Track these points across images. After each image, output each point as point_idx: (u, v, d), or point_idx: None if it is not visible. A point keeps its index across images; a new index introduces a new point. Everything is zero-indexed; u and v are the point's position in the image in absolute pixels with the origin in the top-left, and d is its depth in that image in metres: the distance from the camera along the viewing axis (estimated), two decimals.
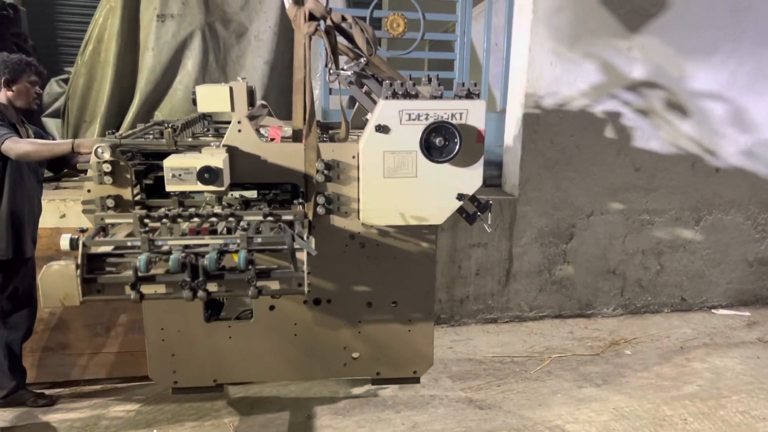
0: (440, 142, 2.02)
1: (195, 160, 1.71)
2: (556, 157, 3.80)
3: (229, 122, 2.67)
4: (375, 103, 2.14)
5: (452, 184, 2.10)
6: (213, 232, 1.58)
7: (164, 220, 1.59)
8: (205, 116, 2.64)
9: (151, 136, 2.13)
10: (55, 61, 4.91)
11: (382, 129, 1.98)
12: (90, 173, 1.85)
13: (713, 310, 4.31)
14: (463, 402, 2.86)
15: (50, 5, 5.35)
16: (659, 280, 4.24)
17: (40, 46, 4.58)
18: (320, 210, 2.06)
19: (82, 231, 1.47)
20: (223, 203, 1.94)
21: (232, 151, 1.92)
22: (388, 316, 2.29)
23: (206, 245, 1.49)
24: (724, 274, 4.32)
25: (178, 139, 1.97)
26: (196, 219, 1.61)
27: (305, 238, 1.59)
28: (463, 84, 2.09)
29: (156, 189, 1.99)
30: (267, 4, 3.57)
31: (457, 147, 2.03)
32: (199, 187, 1.71)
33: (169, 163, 1.69)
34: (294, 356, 2.26)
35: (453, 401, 2.86)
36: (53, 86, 3.69)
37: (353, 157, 2.08)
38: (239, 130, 1.97)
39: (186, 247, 1.48)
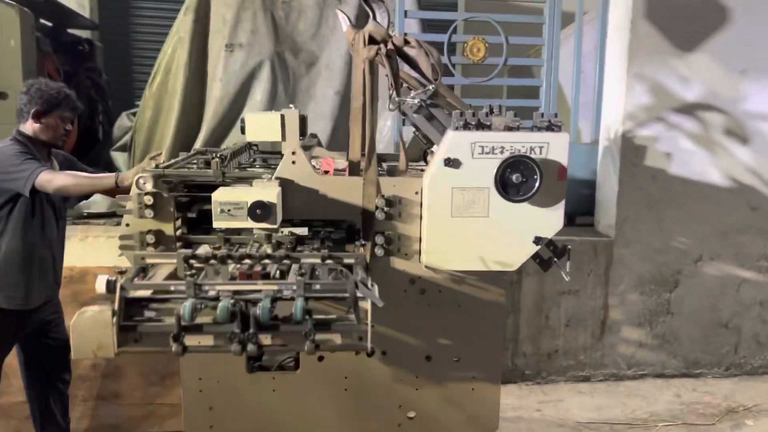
0: (517, 179, 1.92)
1: (246, 194, 1.70)
2: (658, 194, 3.57)
3: (276, 152, 2.73)
4: (442, 134, 2.08)
5: (529, 225, 1.98)
6: (265, 276, 1.56)
7: (212, 261, 1.58)
8: (251, 145, 2.66)
9: (195, 166, 2.17)
10: (128, 95, 5.23)
11: (451, 163, 1.90)
12: (129, 206, 1.88)
13: None
14: None
15: (126, 40, 5.73)
16: None
17: (114, 81, 4.89)
18: (379, 251, 2.00)
19: (121, 272, 1.49)
20: (273, 241, 1.93)
21: (285, 185, 1.91)
22: (449, 373, 2.19)
23: (258, 291, 1.47)
24: None
25: (226, 169, 1.99)
26: (246, 261, 1.60)
27: (369, 285, 1.54)
28: (543, 114, 2.00)
29: (199, 223, 2.01)
30: (338, 33, 3.61)
31: (537, 184, 1.91)
32: (250, 224, 1.70)
33: (218, 196, 1.69)
34: (344, 413, 2.19)
35: None
36: (123, 120, 3.89)
37: (416, 193, 2.02)
38: (293, 162, 1.96)
39: (236, 293, 1.46)
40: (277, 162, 2.02)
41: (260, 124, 2.26)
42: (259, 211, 1.68)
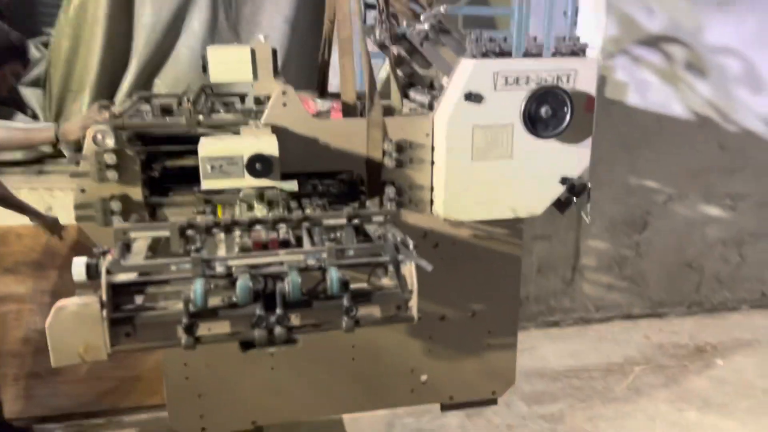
0: (546, 113, 1.72)
1: (240, 146, 1.40)
2: (632, 134, 3.53)
3: (236, 94, 2.40)
4: (448, 65, 1.85)
5: (554, 165, 1.81)
6: (284, 244, 1.27)
7: (214, 230, 1.27)
8: (204, 87, 2.30)
9: (149, 113, 1.82)
10: (33, 21, 4.48)
11: (473, 97, 1.67)
12: (83, 166, 1.53)
13: None
14: None
15: None
16: (739, 273, 4.03)
17: (14, 3, 4.15)
18: (390, 205, 1.76)
19: (102, 253, 1.15)
20: (265, 200, 1.63)
21: (278, 133, 1.61)
22: (465, 330, 2.03)
23: (279, 263, 1.19)
24: None
25: (201, 117, 1.65)
26: (258, 227, 1.29)
27: (411, 246, 1.29)
28: (565, 38, 1.81)
29: (160, 184, 1.68)
30: None
31: (568, 118, 1.74)
32: (247, 181, 1.41)
33: (207, 150, 1.37)
34: (352, 385, 1.99)
35: None
36: (31, 51, 3.30)
37: (426, 135, 1.79)
38: (284, 104, 1.65)
39: (252, 267, 1.18)
40: (243, 108, 1.73)
41: (227, 61, 1.93)
42: (259, 165, 1.39)
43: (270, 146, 1.41)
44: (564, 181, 1.84)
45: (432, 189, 1.82)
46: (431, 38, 1.83)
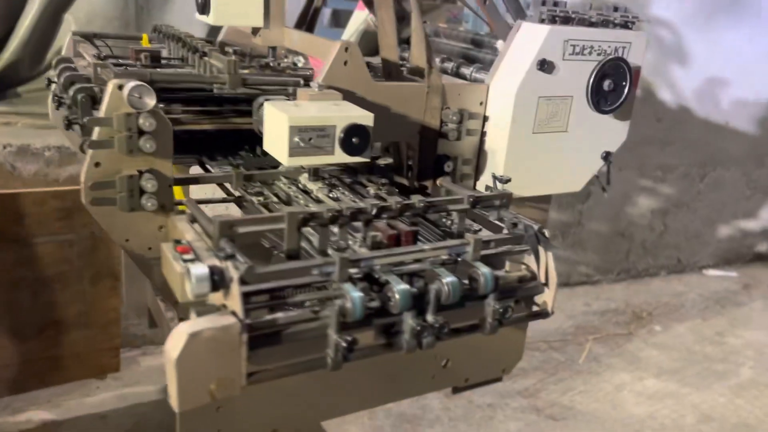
0: (609, 86, 1.73)
1: (333, 115, 1.23)
2: None
3: (206, 40, 2.13)
4: (503, 24, 1.77)
5: (599, 140, 1.85)
6: (413, 236, 1.14)
7: (340, 219, 1.08)
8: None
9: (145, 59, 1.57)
10: None
11: (546, 67, 1.62)
12: (102, 133, 1.25)
13: (703, 271, 4.65)
14: (530, 411, 2.69)
15: None
16: (661, 241, 4.45)
17: None
18: (446, 181, 1.66)
19: (228, 256, 0.93)
20: (318, 178, 1.47)
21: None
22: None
23: (420, 260, 1.06)
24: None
25: (248, 71, 1.42)
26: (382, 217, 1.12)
27: (546, 234, 1.23)
28: (616, 8, 1.81)
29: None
30: None
31: (626, 92, 1.76)
32: (339, 158, 1.24)
33: (294, 119, 1.18)
34: (374, 379, 1.91)
35: (518, 412, 2.68)
36: None
37: (480, 104, 1.71)
38: (345, 62, 1.48)
39: (394, 266, 1.04)
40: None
41: (234, 1, 1.73)
42: (356, 139, 1.24)
43: (365, 116, 1.26)
44: (606, 156, 1.88)
45: (478, 162, 1.76)
46: None
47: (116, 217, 1.28)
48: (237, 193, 1.43)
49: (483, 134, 1.71)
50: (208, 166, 1.54)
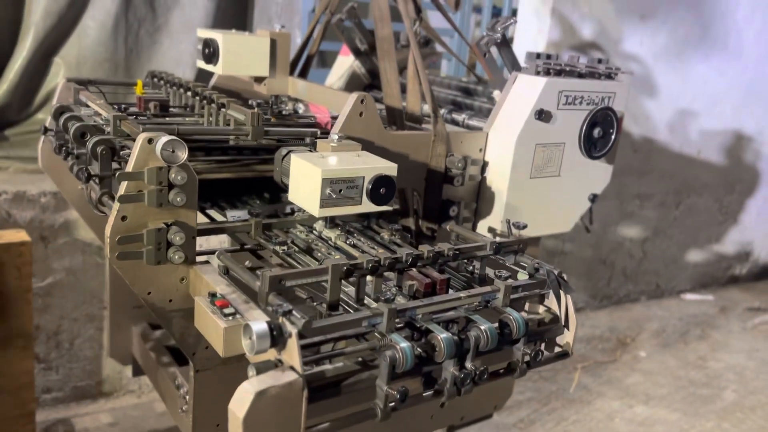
0: (598, 133, 1.91)
1: (361, 167, 1.36)
2: None
3: (208, 87, 2.25)
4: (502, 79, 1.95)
5: (587, 183, 2.04)
6: (446, 284, 1.27)
7: (380, 269, 1.20)
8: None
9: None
10: None
11: (543, 116, 1.79)
12: (131, 186, 1.30)
13: (681, 295, 4.89)
14: None
15: None
16: (641, 267, 4.67)
17: None
18: (450, 226, 1.81)
19: (286, 312, 1.03)
20: (316, 229, 1.59)
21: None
22: None
23: (452, 308, 1.19)
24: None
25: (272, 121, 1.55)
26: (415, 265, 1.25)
27: (565, 278, 1.38)
28: (600, 60, 2.00)
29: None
30: None
31: (613, 139, 1.95)
32: (366, 208, 1.37)
33: (327, 172, 1.32)
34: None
35: None
36: None
37: (480, 150, 1.87)
38: (361, 114, 1.62)
39: (433, 314, 1.17)
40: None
41: (241, 51, 1.87)
42: (383, 190, 1.37)
43: (390, 166, 1.39)
44: (593, 198, 2.06)
45: (478, 207, 1.91)
46: (502, 45, 1.90)
47: (141, 270, 1.32)
48: (253, 242, 1.52)
49: (482, 180, 1.88)
50: (217, 214, 1.63)
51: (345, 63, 2.51)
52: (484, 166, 1.87)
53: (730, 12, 4.33)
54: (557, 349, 1.42)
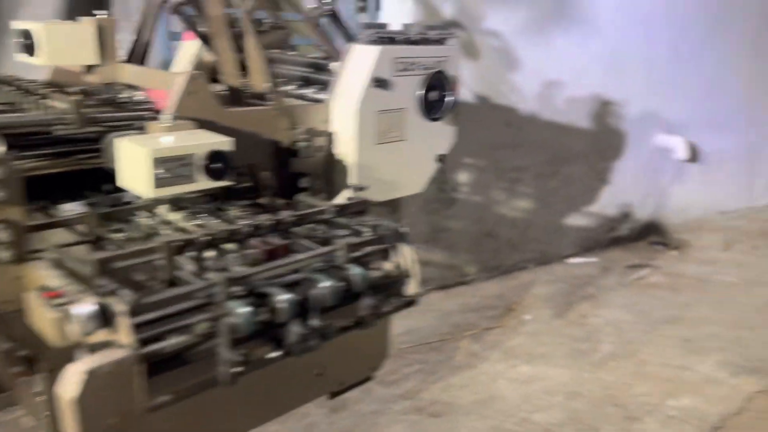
0: (435, 96, 2.06)
1: (192, 144, 1.41)
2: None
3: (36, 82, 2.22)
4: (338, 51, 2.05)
5: (433, 144, 2.19)
6: (288, 249, 1.34)
7: (216, 242, 1.25)
8: None
9: None
10: None
11: (382, 83, 1.91)
12: None
13: (567, 260, 5.22)
14: (413, 412, 2.97)
15: None
16: (525, 236, 4.95)
17: None
18: (304, 196, 1.89)
19: (109, 291, 1.07)
20: (161, 213, 1.62)
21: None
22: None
23: (296, 270, 1.26)
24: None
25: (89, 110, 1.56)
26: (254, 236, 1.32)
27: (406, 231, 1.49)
28: (433, 26, 2.15)
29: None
30: None
31: (453, 100, 2.10)
32: (202, 185, 1.43)
33: (155, 151, 1.36)
34: (257, 396, 2.07)
35: (401, 414, 2.95)
36: None
37: (324, 121, 1.97)
38: (192, 92, 1.68)
39: (274, 278, 1.23)
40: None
41: (66, 40, 1.87)
42: (218, 165, 1.44)
43: (224, 141, 1.46)
44: (440, 158, 2.22)
45: (328, 176, 2.01)
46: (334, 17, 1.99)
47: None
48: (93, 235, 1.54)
49: (330, 150, 1.97)
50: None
51: (189, 47, 2.53)
52: (331, 136, 1.96)
53: None
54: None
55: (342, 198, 2.01)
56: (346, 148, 1.95)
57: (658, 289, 4.65)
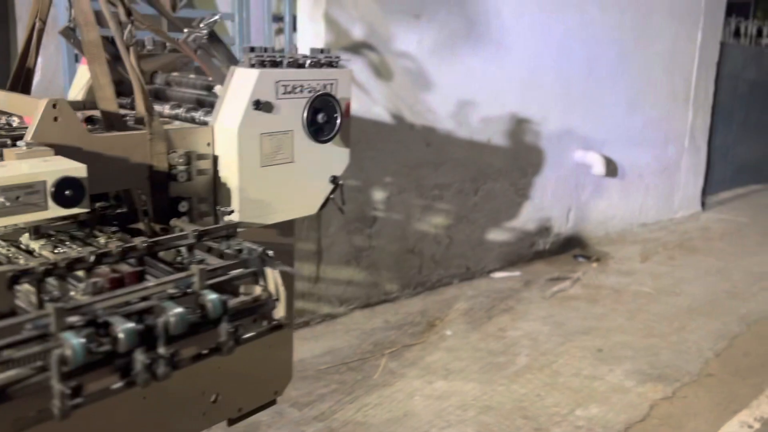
0: (322, 118, 2.06)
1: (40, 170, 1.37)
2: (356, 138, 4.10)
3: None
4: (219, 72, 2.04)
5: (325, 166, 2.19)
6: (138, 276, 1.31)
7: (56, 271, 1.21)
8: None
9: None
10: None
11: (262, 106, 1.90)
12: None
13: (491, 275, 5.31)
14: None
15: None
16: (449, 253, 5.01)
17: None
18: (183, 223, 1.86)
19: None
20: (22, 242, 1.58)
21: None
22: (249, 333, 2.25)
23: (146, 298, 1.23)
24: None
25: None
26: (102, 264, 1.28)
27: (271, 254, 1.47)
28: (322, 50, 2.16)
29: None
30: None
31: (339, 122, 2.11)
32: (53, 212, 1.39)
33: None
34: (143, 426, 2.02)
35: None
36: None
37: (207, 144, 1.95)
38: (55, 118, 1.63)
39: (120, 307, 1.19)
40: None
41: None
42: (70, 192, 1.40)
43: (77, 167, 1.43)
44: (333, 179, 2.22)
45: (215, 200, 1.99)
46: (208, 45, 1.98)
47: None
48: None
49: (216, 173, 1.96)
50: None
51: (86, 73, 2.49)
52: (216, 159, 1.94)
53: (495, 12, 4.80)
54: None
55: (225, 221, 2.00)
56: (228, 171, 1.93)
57: (577, 300, 4.77)
